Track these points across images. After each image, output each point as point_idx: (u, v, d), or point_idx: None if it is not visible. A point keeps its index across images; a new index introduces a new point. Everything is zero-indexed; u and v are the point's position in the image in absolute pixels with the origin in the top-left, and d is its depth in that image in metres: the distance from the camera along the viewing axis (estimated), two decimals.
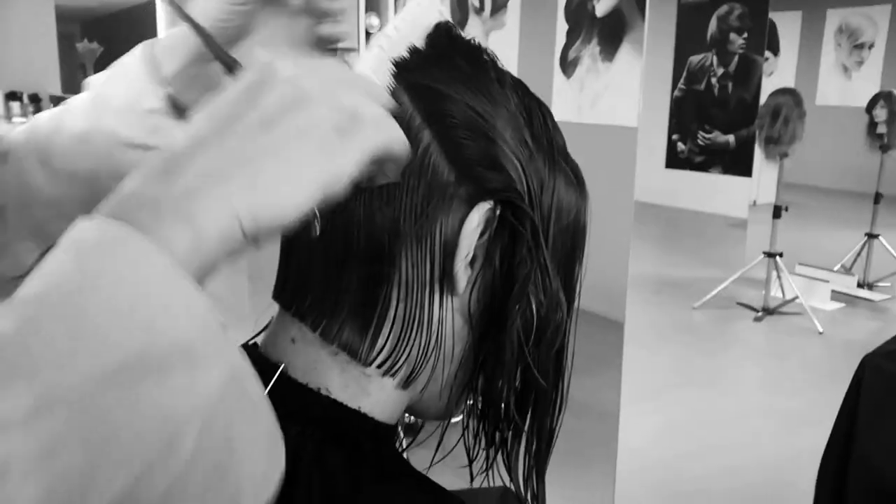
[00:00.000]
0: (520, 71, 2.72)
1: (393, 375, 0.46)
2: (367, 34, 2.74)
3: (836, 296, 4.67)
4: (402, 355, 0.46)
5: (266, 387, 0.45)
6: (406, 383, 0.47)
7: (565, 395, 0.51)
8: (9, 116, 6.61)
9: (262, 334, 0.51)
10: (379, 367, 0.46)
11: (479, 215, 0.44)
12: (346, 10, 0.55)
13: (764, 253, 4.44)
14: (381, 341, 0.45)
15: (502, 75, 0.47)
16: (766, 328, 4.20)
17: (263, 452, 0.30)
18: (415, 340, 0.45)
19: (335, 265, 0.45)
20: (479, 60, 0.47)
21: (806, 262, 4.93)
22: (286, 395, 0.45)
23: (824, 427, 1.58)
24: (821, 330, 4.05)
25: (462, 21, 2.75)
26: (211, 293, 0.31)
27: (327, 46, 0.59)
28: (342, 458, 0.43)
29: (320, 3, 0.58)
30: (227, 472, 0.27)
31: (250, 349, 0.50)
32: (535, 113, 0.48)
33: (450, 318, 0.47)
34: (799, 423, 2.99)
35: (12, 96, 7.00)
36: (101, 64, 5.46)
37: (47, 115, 0.58)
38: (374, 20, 2.72)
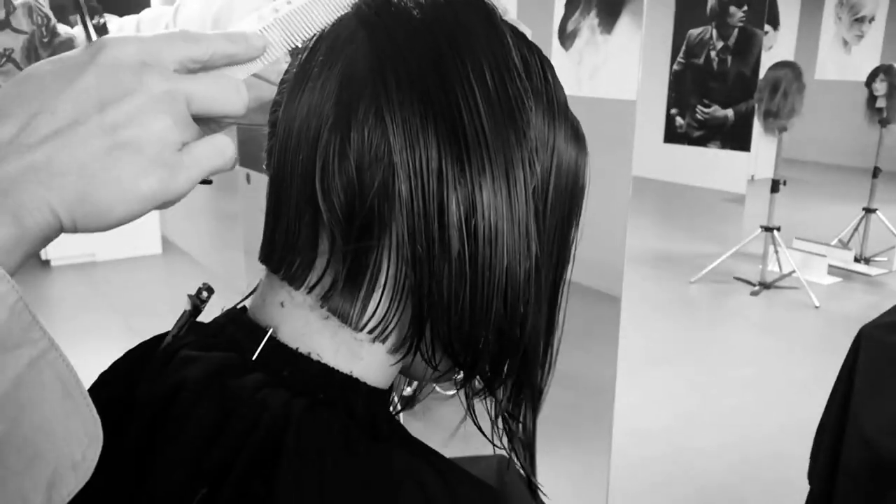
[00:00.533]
0: None
1: (384, 340, 0.46)
2: None
3: (833, 270, 4.68)
4: (392, 320, 0.45)
5: (255, 351, 0.44)
6: (398, 348, 0.46)
7: (556, 352, 0.51)
8: None
9: (250, 298, 0.50)
10: (370, 332, 0.45)
11: None
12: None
13: (761, 227, 4.43)
14: (371, 306, 0.44)
15: (501, 25, 0.46)
16: (763, 302, 4.21)
17: (79, 436, 0.31)
18: (406, 305, 0.45)
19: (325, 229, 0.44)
20: (478, 9, 0.46)
21: (803, 237, 4.93)
22: (276, 360, 0.45)
23: (820, 399, 1.58)
24: (817, 304, 4.05)
25: None
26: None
27: None
28: (335, 423, 0.42)
29: None
30: (39, 455, 0.29)
31: (238, 313, 0.49)
32: (532, 66, 0.46)
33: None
34: (795, 395, 3.01)
35: None
36: None
37: None
38: None
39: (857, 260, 4.85)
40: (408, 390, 0.62)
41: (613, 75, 2.67)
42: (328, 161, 0.42)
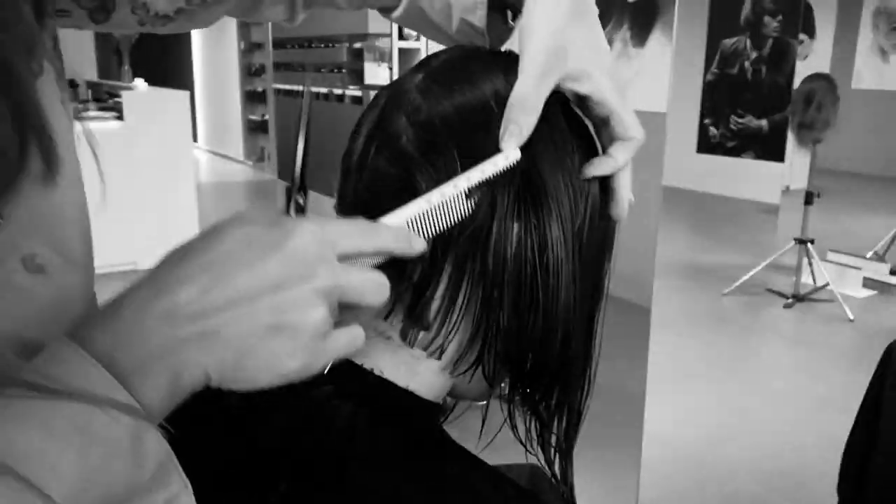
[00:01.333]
0: None
1: (440, 358, 0.50)
2: (400, 53, 2.75)
3: (868, 283, 4.62)
4: (450, 340, 0.50)
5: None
6: (453, 366, 0.51)
7: (593, 376, 0.55)
8: None
9: None
10: (426, 349, 0.50)
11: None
12: None
13: (795, 239, 4.40)
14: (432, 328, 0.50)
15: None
16: (797, 315, 4.18)
17: None
18: (461, 327, 0.49)
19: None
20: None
21: (837, 249, 4.88)
22: (344, 374, 0.49)
23: (852, 414, 1.59)
24: (852, 317, 4.02)
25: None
26: None
27: None
28: (395, 432, 0.47)
29: None
30: None
31: None
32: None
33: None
34: (827, 409, 2.99)
35: None
36: (136, 51, 5.47)
37: None
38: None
39: (892, 273, 4.78)
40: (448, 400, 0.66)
41: (645, 88, 2.69)
42: None
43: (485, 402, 0.59)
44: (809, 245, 4.34)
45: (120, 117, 5.11)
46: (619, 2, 2.79)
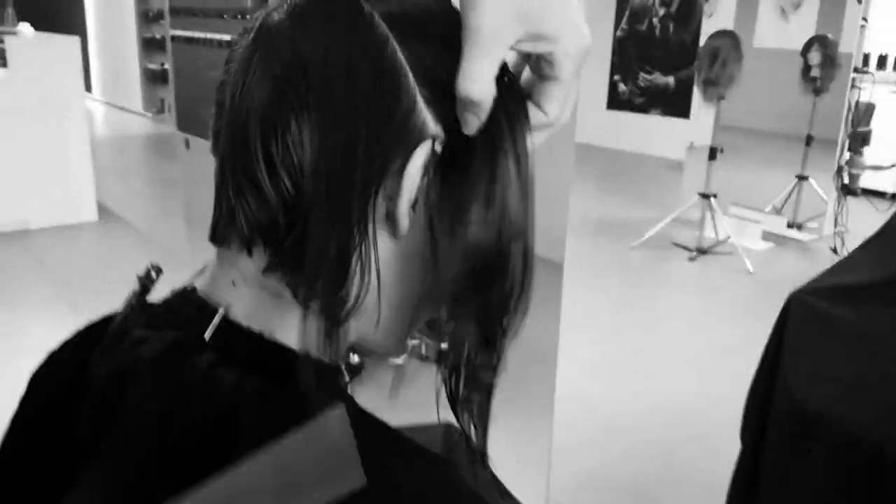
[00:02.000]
0: None
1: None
2: None
3: (767, 236, 4.83)
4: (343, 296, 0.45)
5: (207, 330, 0.44)
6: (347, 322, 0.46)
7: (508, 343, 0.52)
8: None
9: (200, 278, 0.49)
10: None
11: (424, 154, 0.43)
12: None
13: (699, 194, 4.54)
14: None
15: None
16: (700, 267, 4.33)
17: None
18: (355, 282, 0.44)
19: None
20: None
21: (739, 203, 5.07)
22: (228, 338, 0.44)
23: (752, 361, 1.64)
24: (751, 269, 4.19)
25: None
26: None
27: None
28: (287, 399, 0.42)
29: None
30: None
31: (189, 292, 0.48)
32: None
33: (389, 258, 0.46)
34: (729, 357, 3.11)
35: None
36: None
37: None
38: None
39: (789, 226, 5.02)
40: (354, 359, 0.62)
41: None
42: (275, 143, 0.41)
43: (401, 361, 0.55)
44: (712, 199, 4.48)
45: (3, 65, 4.75)
46: None
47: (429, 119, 0.43)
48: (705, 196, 4.51)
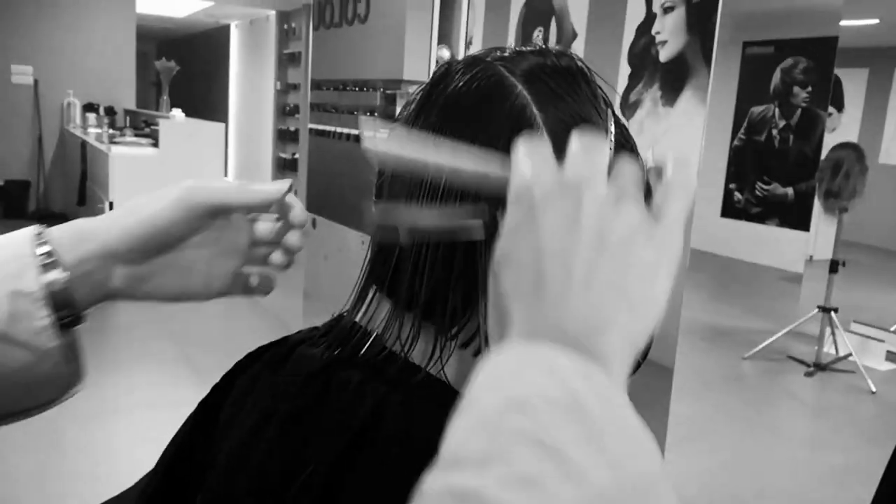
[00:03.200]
0: None
1: (466, 346, 0.51)
2: (437, 65, 2.84)
3: (892, 356, 4.56)
4: (474, 327, 0.51)
5: (361, 349, 0.51)
6: (479, 351, 0.51)
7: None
8: (85, 127, 6.93)
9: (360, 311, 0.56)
10: (453, 338, 0.50)
11: None
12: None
13: (818, 307, 4.37)
14: (459, 318, 0.50)
15: (605, 98, 0.53)
16: (818, 384, 4.13)
17: None
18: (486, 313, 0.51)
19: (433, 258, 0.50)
20: (591, 83, 0.53)
21: (861, 321, 4.83)
22: (378, 359, 0.51)
23: (870, 485, 1.56)
24: (874, 389, 3.96)
25: None
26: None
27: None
28: (428, 410, 0.47)
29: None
30: None
31: (348, 318, 0.55)
32: (628, 136, 0.54)
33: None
34: (846, 480, 2.93)
35: (89, 108, 7.34)
36: (176, 81, 5.64)
37: None
38: (445, 52, 2.81)
39: None
40: None
41: (676, 148, 2.72)
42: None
43: None
44: (833, 314, 4.30)
45: (155, 144, 5.22)
46: (651, 61, 2.85)
47: None
48: (825, 310, 4.34)
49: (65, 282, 0.46)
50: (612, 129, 0.53)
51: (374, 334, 0.52)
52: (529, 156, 0.37)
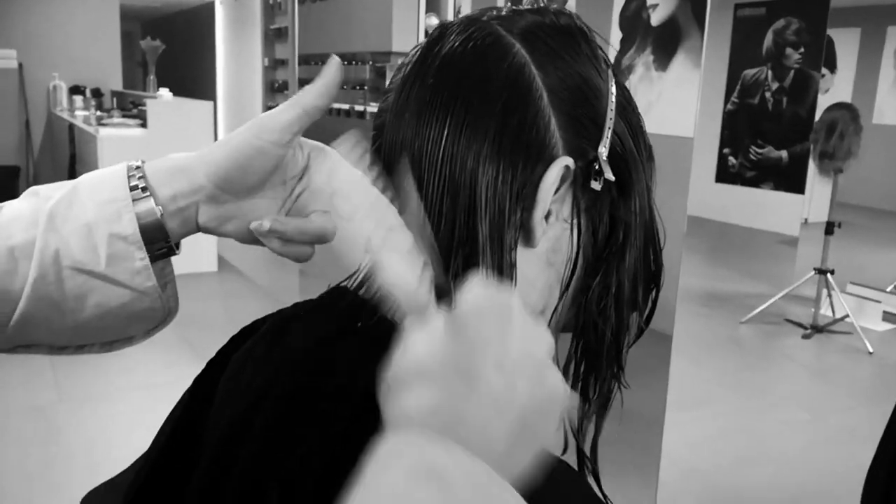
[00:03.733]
0: None
1: None
2: (427, 35, 2.80)
3: (888, 316, 4.57)
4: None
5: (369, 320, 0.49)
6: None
7: (625, 358, 0.55)
8: (72, 109, 6.85)
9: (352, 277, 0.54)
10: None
11: (555, 171, 0.48)
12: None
13: (815, 269, 4.37)
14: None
15: (605, 58, 0.51)
16: (815, 346, 4.14)
17: None
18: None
19: (436, 220, 0.49)
20: (591, 43, 0.52)
21: (857, 282, 4.84)
22: (379, 329, 0.49)
23: (870, 445, 1.56)
24: (871, 350, 3.97)
25: None
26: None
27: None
28: None
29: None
30: None
31: (342, 290, 0.53)
32: (629, 97, 0.51)
33: (527, 268, 0.50)
34: (845, 439, 2.95)
35: (76, 90, 7.26)
36: (162, 61, 5.57)
37: None
38: (434, 20, 2.77)
39: None
40: None
41: (668, 111, 2.70)
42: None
43: None
44: (829, 276, 4.31)
45: (143, 125, 5.16)
46: (643, 25, 2.81)
47: (560, 141, 0.49)
48: (821, 272, 4.34)
49: (158, 217, 0.48)
50: (614, 89, 0.51)
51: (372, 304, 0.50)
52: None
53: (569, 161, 0.48)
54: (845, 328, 4.25)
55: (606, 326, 0.53)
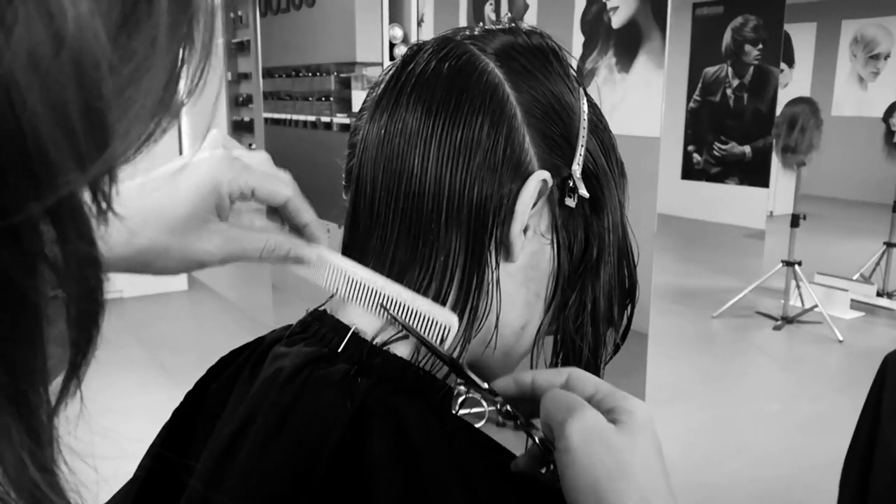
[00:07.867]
0: None
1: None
2: (391, 45, 2.80)
3: (856, 305, 4.66)
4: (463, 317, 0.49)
5: (340, 345, 0.49)
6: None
7: (602, 374, 0.56)
8: None
9: (331, 301, 0.54)
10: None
11: (533, 185, 0.49)
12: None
13: (782, 262, 4.44)
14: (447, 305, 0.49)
15: (576, 77, 0.52)
16: (786, 336, 4.21)
17: None
18: (475, 303, 0.49)
19: (406, 233, 0.49)
20: (563, 62, 0.52)
21: (825, 272, 4.93)
22: (359, 353, 0.49)
23: (844, 433, 1.59)
24: (841, 338, 4.04)
25: None
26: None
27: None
28: (415, 408, 0.46)
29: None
30: None
31: (322, 313, 0.53)
32: (601, 115, 0.53)
33: (506, 284, 0.51)
34: (819, 429, 2.99)
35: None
36: None
37: None
38: (398, 31, 2.77)
39: (879, 294, 4.84)
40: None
41: (632, 112, 2.73)
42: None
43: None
44: (797, 267, 4.38)
45: None
46: (604, 28, 2.84)
47: (535, 158, 0.49)
48: (789, 263, 4.41)
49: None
50: (585, 108, 0.52)
51: (353, 329, 0.50)
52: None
53: (546, 175, 0.49)
54: (815, 318, 4.32)
55: (584, 343, 0.54)
